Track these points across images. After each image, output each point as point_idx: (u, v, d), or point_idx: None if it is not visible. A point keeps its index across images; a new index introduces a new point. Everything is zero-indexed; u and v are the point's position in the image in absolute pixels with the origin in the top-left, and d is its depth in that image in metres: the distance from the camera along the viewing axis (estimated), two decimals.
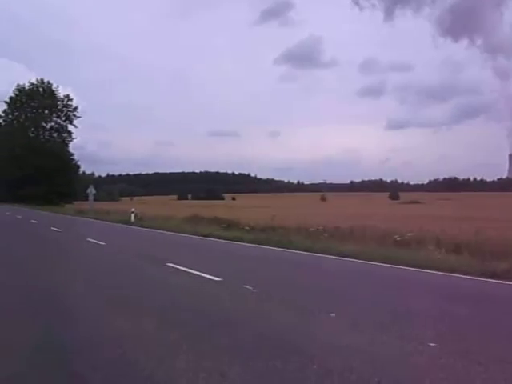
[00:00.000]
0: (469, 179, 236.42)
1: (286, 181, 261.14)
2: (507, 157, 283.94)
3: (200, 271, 12.65)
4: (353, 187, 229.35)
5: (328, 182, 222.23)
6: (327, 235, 20.41)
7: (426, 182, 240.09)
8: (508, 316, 8.45)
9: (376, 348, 6.27)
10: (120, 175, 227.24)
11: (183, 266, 13.52)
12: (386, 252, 16.02)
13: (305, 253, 17.76)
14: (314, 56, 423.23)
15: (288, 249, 18.91)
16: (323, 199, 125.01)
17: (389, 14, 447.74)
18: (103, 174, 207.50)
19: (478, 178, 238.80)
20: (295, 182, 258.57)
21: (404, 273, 13.39)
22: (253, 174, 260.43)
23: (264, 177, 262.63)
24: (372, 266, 14.60)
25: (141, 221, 37.89)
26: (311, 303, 9.21)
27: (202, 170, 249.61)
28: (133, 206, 44.94)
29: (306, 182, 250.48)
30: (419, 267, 13.58)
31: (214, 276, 11.95)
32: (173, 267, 13.67)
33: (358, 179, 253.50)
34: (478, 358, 5.79)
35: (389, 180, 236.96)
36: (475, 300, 9.88)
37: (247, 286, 10.56)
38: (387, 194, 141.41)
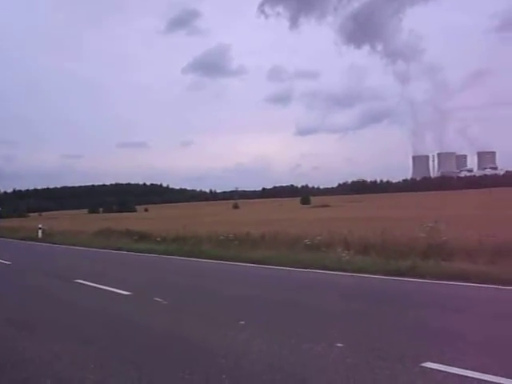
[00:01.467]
0: (376, 181, 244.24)
1: (198, 190, 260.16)
2: (411, 158, 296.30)
3: (109, 286, 12.37)
4: (265, 194, 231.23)
5: (240, 189, 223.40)
6: (238, 242, 20.50)
7: (335, 185, 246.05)
8: (408, 310, 8.78)
9: (285, 352, 6.33)
10: (27, 190, 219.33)
11: (92, 282, 13.18)
12: (296, 256, 16.29)
13: (216, 261, 17.78)
14: (222, 64, 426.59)
15: (199, 258, 18.89)
16: (236, 207, 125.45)
17: (294, 22, 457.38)
18: (9, 190, 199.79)
19: (385, 180, 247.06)
20: (208, 190, 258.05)
21: (313, 275, 13.67)
22: (165, 185, 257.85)
23: (176, 187, 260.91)
24: (282, 270, 14.82)
25: (49, 237, 36.73)
26: (222, 312, 9.22)
27: (113, 182, 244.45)
28: (41, 222, 43.51)
29: (218, 191, 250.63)
30: (328, 269, 13.92)
31: (123, 290, 11.71)
32: (81, 283, 13.30)
33: (269, 186, 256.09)
34: (382, 354, 5.98)
35: (300, 185, 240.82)
36: (380, 298, 10.18)
37: (158, 299, 10.41)
38: (299, 199, 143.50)
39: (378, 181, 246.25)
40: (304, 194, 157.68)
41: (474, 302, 9.50)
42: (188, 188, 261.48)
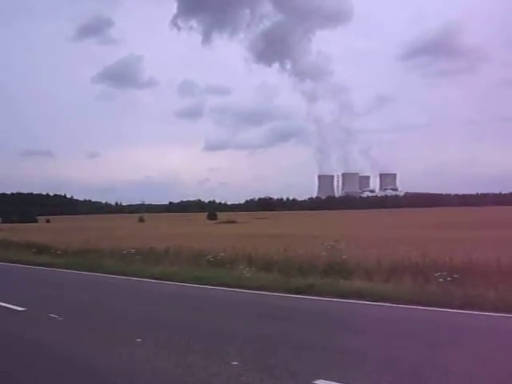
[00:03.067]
0: (282, 199, 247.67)
1: (104, 202, 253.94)
2: (316, 177, 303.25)
3: (2, 301, 11.84)
4: (172, 208, 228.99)
5: (147, 202, 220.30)
6: (140, 257, 20.16)
7: (242, 201, 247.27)
8: (303, 328, 8.96)
9: (180, 370, 6.29)
10: None
11: None
12: (198, 272, 16.23)
13: (117, 276, 17.41)
14: (133, 75, 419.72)
15: (100, 273, 18.43)
16: (141, 220, 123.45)
17: (206, 36, 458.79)
18: None
19: (291, 198, 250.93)
20: (113, 203, 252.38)
21: (213, 292, 13.66)
22: (69, 195, 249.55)
23: (81, 198, 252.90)
24: (183, 287, 14.72)
25: None
26: (118, 329, 9.04)
27: (14, 192, 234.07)
28: None
29: (124, 204, 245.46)
30: (229, 286, 13.94)
31: (17, 306, 11.26)
32: None
33: (176, 200, 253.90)
34: (276, 372, 6.06)
35: (207, 200, 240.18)
36: (277, 316, 10.26)
37: (53, 315, 10.08)
38: (206, 214, 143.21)
39: (285, 198, 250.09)
40: (211, 210, 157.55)
41: (366, 320, 9.76)
42: (93, 200, 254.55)
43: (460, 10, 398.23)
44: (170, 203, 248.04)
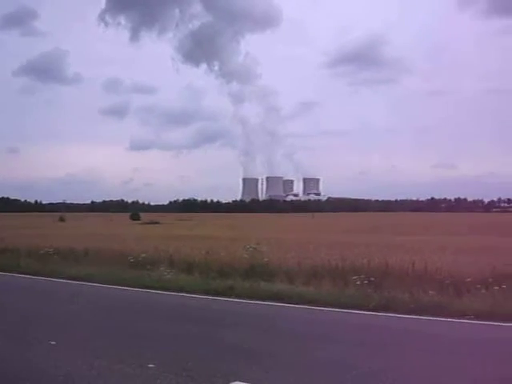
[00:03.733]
0: (206, 201, 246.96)
1: (23, 200, 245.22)
2: (241, 180, 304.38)
3: None
4: (94, 207, 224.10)
5: (68, 201, 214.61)
6: (59, 257, 19.59)
7: (166, 202, 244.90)
8: (221, 330, 8.96)
9: (95, 373, 6.16)
10: None
11: None
12: (118, 274, 15.93)
13: (34, 277, 16.84)
14: (57, 70, 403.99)
15: (16, 273, 17.75)
16: (62, 220, 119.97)
17: (135, 34, 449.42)
18: None
19: (215, 200, 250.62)
20: (33, 201, 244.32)
21: (132, 294, 13.47)
22: None
23: None
24: (102, 288, 14.42)
25: None
26: (32, 331, 8.74)
27: None
28: None
29: (44, 202, 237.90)
30: (149, 288, 13.77)
31: None
32: None
33: (99, 199, 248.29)
34: (193, 374, 6.05)
35: (130, 201, 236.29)
36: (195, 318, 10.25)
37: None
38: (128, 214, 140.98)
39: (209, 200, 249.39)
40: (134, 210, 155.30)
41: (284, 322, 9.91)
42: (11, 197, 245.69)
43: (384, 22, 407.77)
44: (93, 203, 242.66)
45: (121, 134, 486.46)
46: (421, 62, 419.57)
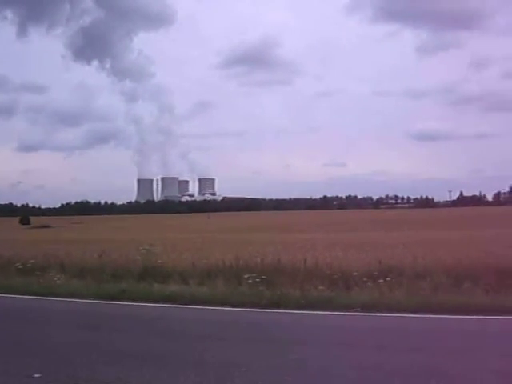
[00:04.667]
0: (100, 202, 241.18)
1: None
2: (136, 181, 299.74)
3: None
4: None
5: None
6: None
7: (58, 205, 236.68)
8: (111, 334, 8.92)
9: None
10: None
11: None
12: (4, 281, 15.24)
13: None
14: None
15: None
16: None
17: (22, 29, 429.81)
18: None
19: (109, 202, 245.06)
20: None
21: (19, 302, 12.91)
22: None
23: None
24: None
25: None
26: None
27: None
28: None
29: None
30: (39, 295, 13.25)
31: None
32: None
33: None
34: (80, 382, 5.94)
35: (20, 204, 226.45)
36: (84, 323, 9.95)
37: None
38: (17, 218, 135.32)
39: (103, 202, 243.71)
40: (24, 214, 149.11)
41: (175, 323, 9.94)
42: None
43: (277, 25, 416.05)
44: None
45: (8, 134, 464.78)
46: (312, 64, 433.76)
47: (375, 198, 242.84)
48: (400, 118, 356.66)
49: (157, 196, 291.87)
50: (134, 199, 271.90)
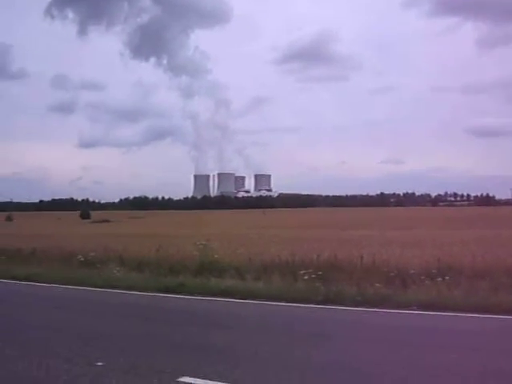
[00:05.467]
0: (157, 198, 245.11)
1: None
2: (192, 177, 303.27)
3: None
4: (42, 206, 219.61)
5: (15, 200, 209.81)
6: (5, 258, 19.18)
7: (117, 200, 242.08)
8: (170, 327, 9.04)
9: (42, 374, 6.13)
10: None
11: None
12: (67, 273, 15.76)
13: None
14: (1, 66, 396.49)
15: None
16: (9, 219, 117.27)
17: (82, 28, 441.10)
18: None
19: (166, 197, 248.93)
20: None
21: (81, 293, 13.38)
22: None
23: None
24: (50, 288, 14.25)
25: None
26: None
27: None
28: None
29: None
30: (99, 287, 13.67)
31: None
32: None
33: (48, 198, 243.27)
34: (141, 371, 6.09)
35: (80, 199, 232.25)
36: (144, 315, 10.29)
37: None
38: (78, 213, 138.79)
39: (160, 198, 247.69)
40: (84, 208, 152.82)
41: (233, 317, 10.06)
42: None
43: (334, 20, 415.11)
44: (41, 201, 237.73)
45: (69, 131, 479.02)
46: (369, 60, 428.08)
47: (433, 195, 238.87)
48: (459, 114, 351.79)
49: (213, 191, 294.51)
50: (190, 195, 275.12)
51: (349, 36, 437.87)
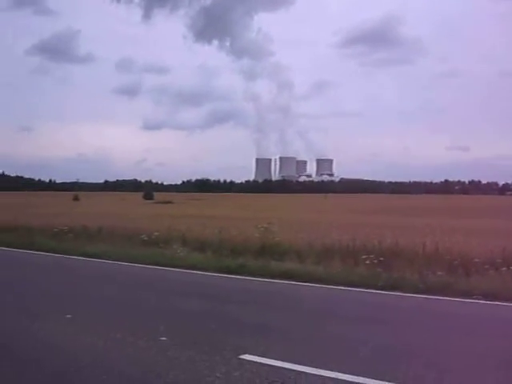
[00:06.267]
0: (219, 180, 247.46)
1: (37, 179, 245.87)
2: (254, 160, 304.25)
3: None
4: (107, 187, 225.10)
5: (81, 181, 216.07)
6: (73, 235, 19.85)
7: (179, 182, 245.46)
8: (231, 306, 9.21)
9: (109, 346, 6.39)
10: None
11: None
12: (131, 251, 16.18)
13: (48, 254, 17.13)
14: (69, 49, 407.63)
15: (31, 250, 18.03)
16: (76, 198, 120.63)
17: (147, 12, 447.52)
18: None
19: (228, 180, 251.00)
20: (47, 180, 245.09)
21: (146, 271, 13.74)
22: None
23: (12, 174, 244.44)
24: (115, 265, 14.68)
25: None
26: (47, 305, 9.03)
27: None
28: None
29: (58, 181, 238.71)
30: (162, 265, 14.01)
31: None
32: None
33: (112, 179, 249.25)
34: (203, 347, 6.27)
35: (143, 180, 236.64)
36: (206, 294, 10.49)
37: None
38: (141, 193, 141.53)
39: (222, 180, 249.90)
40: (147, 189, 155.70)
41: (293, 299, 10.14)
42: (25, 176, 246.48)
43: (400, 2, 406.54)
44: (106, 182, 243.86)
45: (133, 113, 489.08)
46: (435, 43, 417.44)
47: (501, 183, 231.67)
48: None
49: (274, 175, 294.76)
50: (252, 178, 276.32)
51: (414, 19, 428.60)
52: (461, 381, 5.33)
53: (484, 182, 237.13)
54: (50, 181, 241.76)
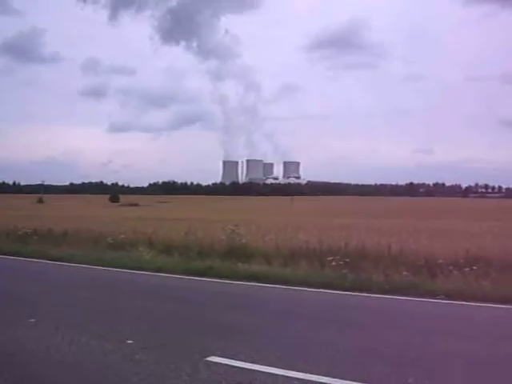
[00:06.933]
0: (186, 183, 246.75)
1: (0, 181, 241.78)
2: (221, 163, 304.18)
3: None
4: (73, 189, 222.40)
5: (46, 183, 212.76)
6: (38, 238, 19.57)
7: (146, 185, 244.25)
8: (198, 308, 9.20)
9: (74, 349, 6.31)
10: None
11: None
12: (98, 254, 16.01)
13: (13, 257, 16.82)
14: (33, 50, 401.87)
15: None
16: (40, 201, 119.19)
17: (113, 13, 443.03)
18: None
19: (195, 182, 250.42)
20: (11, 183, 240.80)
21: (111, 274, 13.60)
22: None
23: None
24: (81, 268, 14.51)
25: None
26: (11, 309, 8.84)
27: None
28: None
29: (22, 183, 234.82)
30: (129, 268, 13.89)
31: None
32: None
33: (78, 181, 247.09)
34: (170, 350, 6.25)
35: (110, 183, 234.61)
36: (172, 296, 10.45)
37: None
38: (108, 196, 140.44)
39: (189, 183, 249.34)
40: (113, 192, 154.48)
41: (259, 300, 10.21)
42: None
43: (366, 7, 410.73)
44: (72, 184, 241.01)
45: (100, 115, 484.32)
46: (401, 48, 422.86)
47: (464, 186, 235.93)
48: (493, 104, 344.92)
49: (242, 178, 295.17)
50: (219, 180, 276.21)
51: (380, 24, 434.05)
52: (425, 379, 5.40)
53: (448, 184, 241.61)
54: (14, 183, 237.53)
